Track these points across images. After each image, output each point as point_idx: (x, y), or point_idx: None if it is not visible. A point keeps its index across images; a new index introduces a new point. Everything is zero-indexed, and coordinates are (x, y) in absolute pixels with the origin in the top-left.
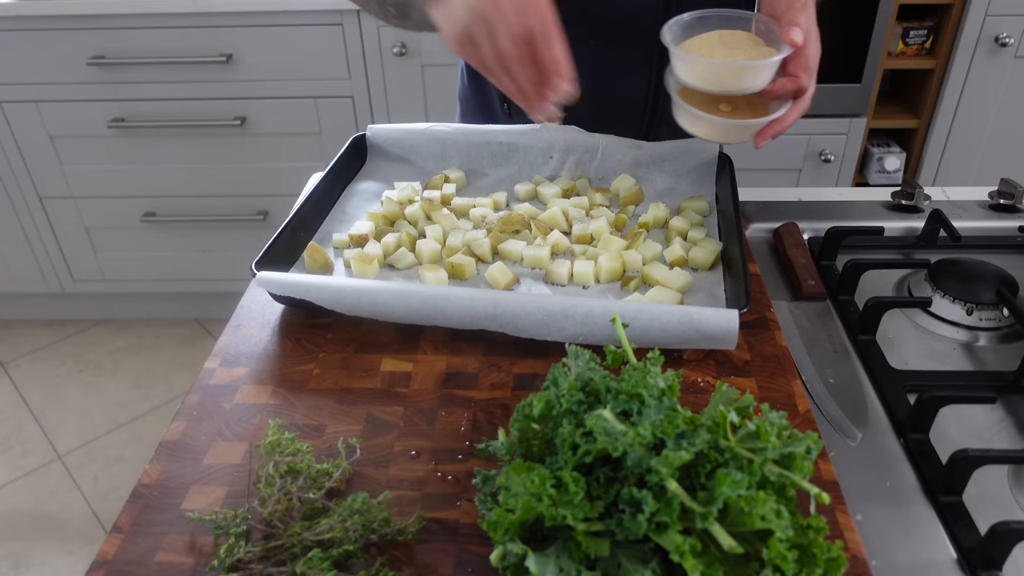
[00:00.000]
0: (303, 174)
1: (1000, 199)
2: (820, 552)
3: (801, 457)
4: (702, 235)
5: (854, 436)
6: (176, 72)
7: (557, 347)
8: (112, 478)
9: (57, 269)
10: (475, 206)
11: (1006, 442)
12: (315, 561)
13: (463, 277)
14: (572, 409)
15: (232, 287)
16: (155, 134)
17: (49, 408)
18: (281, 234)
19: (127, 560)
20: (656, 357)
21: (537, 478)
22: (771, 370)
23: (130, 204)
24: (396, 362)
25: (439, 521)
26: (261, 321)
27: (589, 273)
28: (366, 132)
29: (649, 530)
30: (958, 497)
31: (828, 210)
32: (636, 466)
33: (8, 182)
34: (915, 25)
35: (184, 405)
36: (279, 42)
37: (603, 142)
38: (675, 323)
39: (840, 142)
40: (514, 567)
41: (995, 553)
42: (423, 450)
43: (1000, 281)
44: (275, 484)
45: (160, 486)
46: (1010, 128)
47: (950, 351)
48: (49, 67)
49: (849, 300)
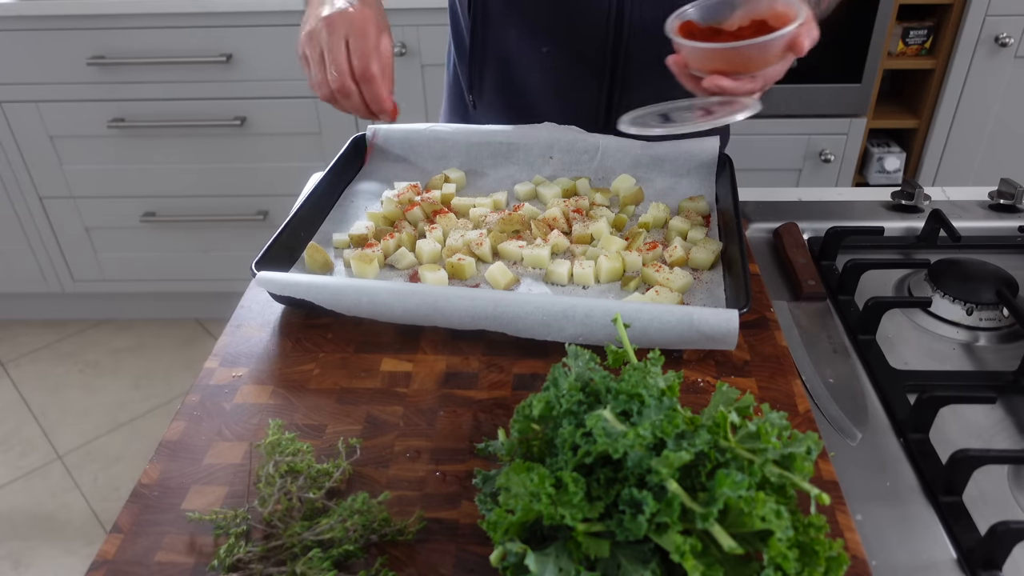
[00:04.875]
0: (303, 174)
1: (1000, 199)
2: (822, 550)
3: (801, 458)
4: (702, 235)
5: (854, 436)
6: (176, 72)
7: (557, 347)
8: (112, 478)
9: (57, 269)
10: (475, 206)
11: (1006, 442)
12: (315, 561)
13: (463, 277)
14: (572, 410)
15: (232, 287)
16: (155, 134)
17: (49, 408)
18: (281, 234)
19: (127, 560)
20: (656, 357)
21: (537, 477)
22: (771, 370)
23: (130, 204)
24: (396, 362)
25: (439, 521)
26: (261, 321)
27: (589, 273)
28: (366, 132)
29: (649, 531)
30: (958, 497)
31: (828, 210)
32: (636, 466)
33: (8, 182)
34: (915, 25)
35: (184, 405)
36: (279, 42)
37: (603, 142)
38: (675, 323)
39: (840, 142)
40: (514, 567)
41: (995, 553)
42: (423, 450)
43: (1000, 281)
44: (275, 484)
45: (160, 486)
46: (1010, 128)
47: (950, 351)
48: (49, 67)
49: (849, 300)
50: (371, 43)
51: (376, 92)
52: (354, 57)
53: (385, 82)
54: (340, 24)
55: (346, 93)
